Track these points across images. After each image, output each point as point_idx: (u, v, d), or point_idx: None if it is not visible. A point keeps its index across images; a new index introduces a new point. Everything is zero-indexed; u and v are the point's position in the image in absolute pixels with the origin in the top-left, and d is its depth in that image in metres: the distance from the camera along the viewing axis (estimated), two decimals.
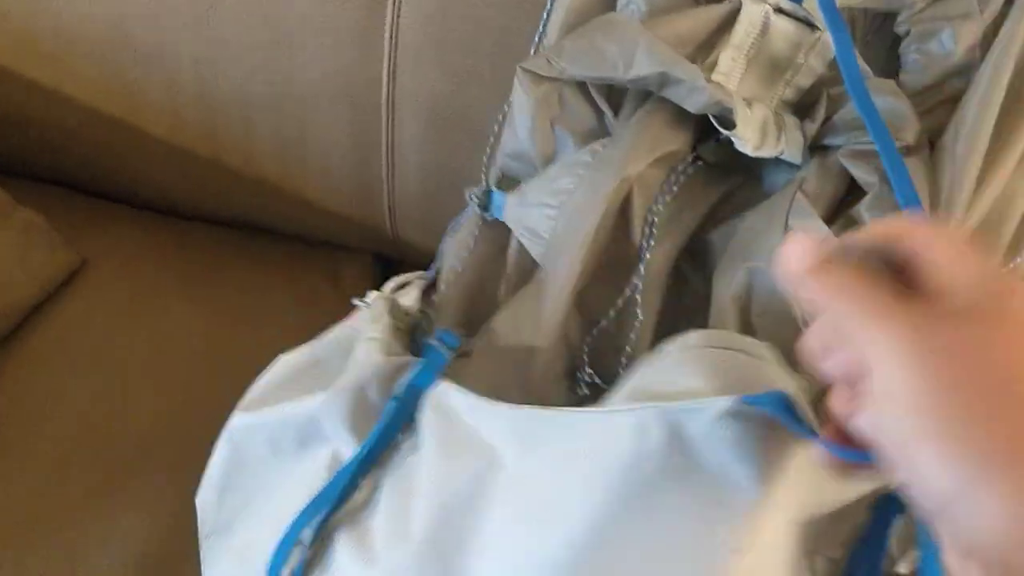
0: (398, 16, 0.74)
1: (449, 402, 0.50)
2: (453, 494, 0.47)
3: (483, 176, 0.63)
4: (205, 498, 0.60)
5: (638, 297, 0.55)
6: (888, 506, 0.48)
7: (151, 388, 0.80)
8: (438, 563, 0.46)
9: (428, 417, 0.51)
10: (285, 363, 0.57)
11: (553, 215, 0.56)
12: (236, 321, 0.84)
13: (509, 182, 0.61)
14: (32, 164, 0.96)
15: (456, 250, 0.62)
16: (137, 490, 0.73)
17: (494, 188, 0.61)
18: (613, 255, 0.56)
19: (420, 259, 0.93)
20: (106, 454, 0.75)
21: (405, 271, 0.96)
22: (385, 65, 0.77)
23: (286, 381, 0.56)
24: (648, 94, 0.56)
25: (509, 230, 0.60)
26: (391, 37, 0.75)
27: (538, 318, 0.55)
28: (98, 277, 0.88)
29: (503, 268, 0.61)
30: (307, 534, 0.51)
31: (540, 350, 0.54)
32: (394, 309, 0.57)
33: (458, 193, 0.82)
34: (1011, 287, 0.29)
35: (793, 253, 0.33)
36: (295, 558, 0.52)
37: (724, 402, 0.40)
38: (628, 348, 0.55)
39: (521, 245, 0.59)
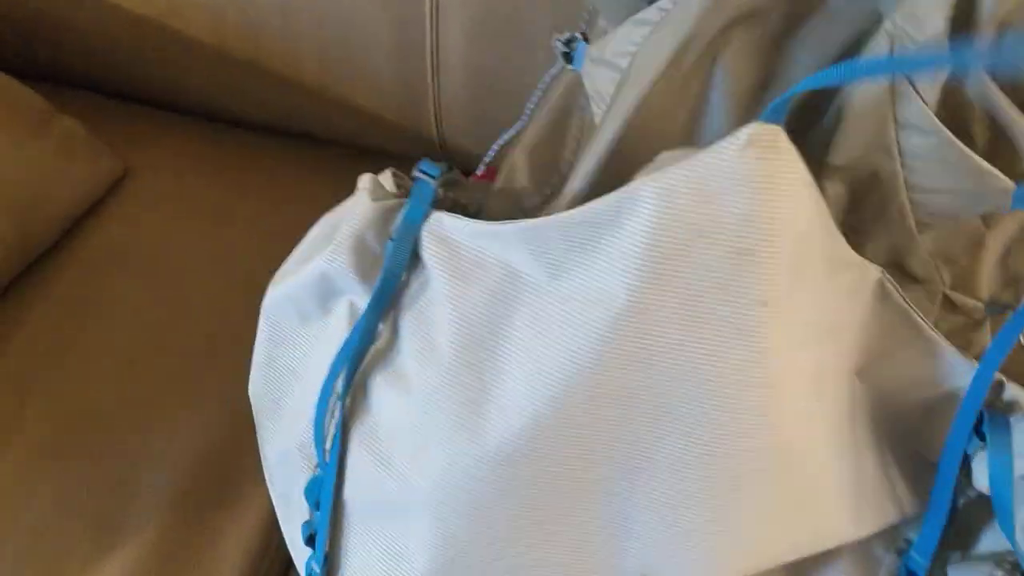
0: None
1: (445, 230, 0.50)
2: (474, 313, 0.48)
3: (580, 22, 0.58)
4: (255, 384, 0.60)
5: None
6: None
7: (206, 290, 0.79)
8: (472, 376, 0.47)
9: (430, 249, 0.50)
10: (308, 235, 0.58)
11: (614, 78, 0.52)
12: (289, 225, 0.84)
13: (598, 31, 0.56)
14: (71, 71, 0.94)
15: (543, 127, 0.59)
16: (198, 389, 0.73)
17: (580, 37, 0.56)
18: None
19: (469, 167, 0.90)
20: (165, 354, 0.75)
21: None
22: None
23: (307, 251, 0.56)
24: None
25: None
26: None
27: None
28: (145, 184, 0.87)
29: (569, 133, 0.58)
30: (340, 386, 0.53)
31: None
32: (399, 174, 0.56)
33: (506, 99, 0.79)
34: None
35: None
36: (335, 410, 0.53)
37: (742, 133, 0.40)
38: None
39: (585, 112, 0.55)
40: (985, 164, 0.44)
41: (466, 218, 0.49)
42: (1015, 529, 0.47)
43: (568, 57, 0.56)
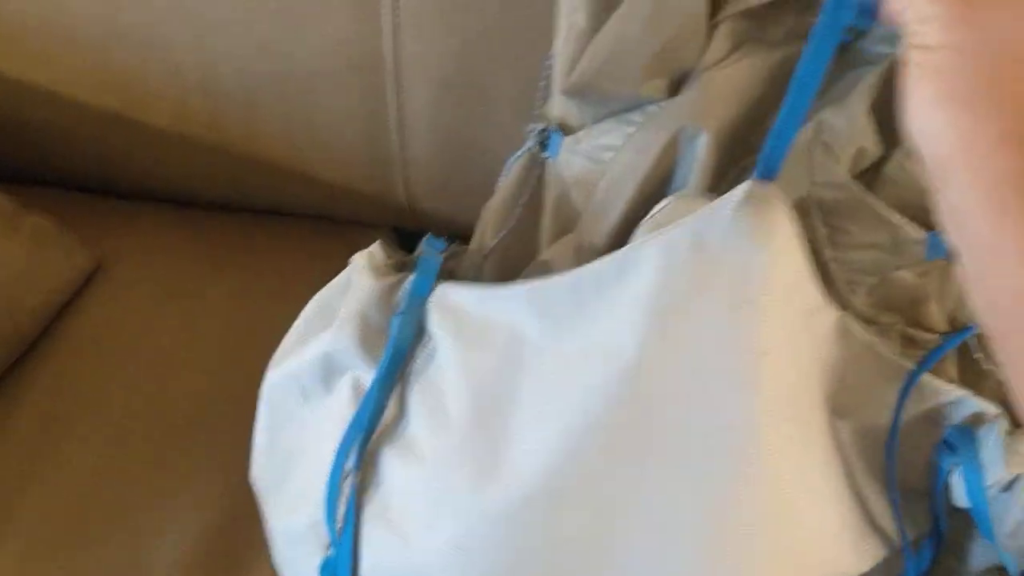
0: None
1: (452, 300, 0.52)
2: (483, 378, 0.49)
3: (538, 109, 0.60)
4: (257, 469, 0.61)
5: None
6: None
7: (192, 372, 0.80)
8: (484, 440, 0.48)
9: (436, 321, 0.52)
10: (302, 315, 0.59)
11: (598, 170, 0.54)
12: (266, 301, 0.87)
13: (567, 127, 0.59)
14: (38, 168, 0.95)
15: (504, 197, 0.61)
16: (191, 472, 0.73)
17: (554, 127, 0.58)
18: None
19: (441, 230, 0.91)
20: (156, 439, 0.75)
21: None
22: (388, 31, 0.75)
23: (304, 331, 0.58)
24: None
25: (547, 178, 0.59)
26: (392, 1, 0.73)
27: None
28: (122, 274, 0.87)
29: (541, 218, 0.59)
30: (351, 463, 0.53)
31: None
32: (386, 246, 0.58)
33: (473, 159, 0.81)
34: None
35: None
36: (346, 488, 0.54)
37: (738, 191, 0.42)
38: None
39: (562, 194, 0.57)
40: (896, 216, 0.46)
41: (472, 284, 0.51)
42: (996, 537, 0.49)
43: (543, 145, 0.58)
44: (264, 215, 0.95)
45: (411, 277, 0.53)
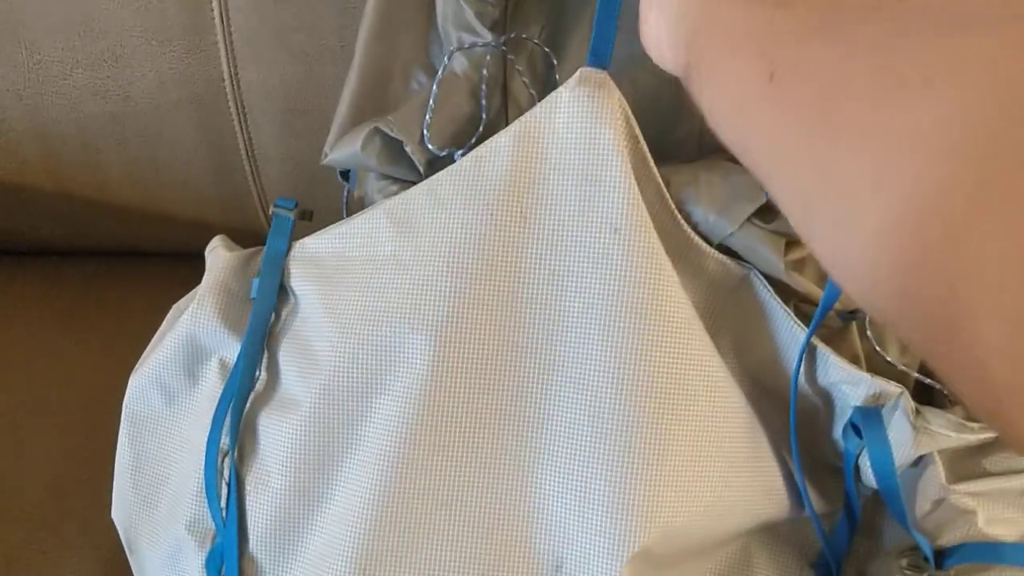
0: (226, 6, 0.69)
1: (310, 251, 0.52)
2: (347, 314, 0.49)
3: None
4: (120, 498, 0.58)
5: None
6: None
7: (54, 435, 0.75)
8: (356, 367, 0.48)
9: (297, 275, 0.52)
10: (165, 323, 0.58)
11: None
12: (128, 348, 0.81)
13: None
14: None
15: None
16: (63, 539, 0.69)
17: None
18: None
19: None
20: (22, 510, 0.70)
21: None
22: (224, 60, 0.72)
23: (164, 329, 0.57)
24: None
25: None
26: (224, 28, 0.71)
27: None
28: None
29: None
30: (225, 440, 0.52)
31: None
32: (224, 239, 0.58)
33: (330, 183, 0.78)
34: None
35: None
36: (225, 467, 0.52)
37: (573, 77, 0.44)
38: None
39: None
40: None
41: (329, 227, 0.51)
42: (908, 518, 0.49)
43: (346, 177, 0.59)
44: (121, 257, 0.91)
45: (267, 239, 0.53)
